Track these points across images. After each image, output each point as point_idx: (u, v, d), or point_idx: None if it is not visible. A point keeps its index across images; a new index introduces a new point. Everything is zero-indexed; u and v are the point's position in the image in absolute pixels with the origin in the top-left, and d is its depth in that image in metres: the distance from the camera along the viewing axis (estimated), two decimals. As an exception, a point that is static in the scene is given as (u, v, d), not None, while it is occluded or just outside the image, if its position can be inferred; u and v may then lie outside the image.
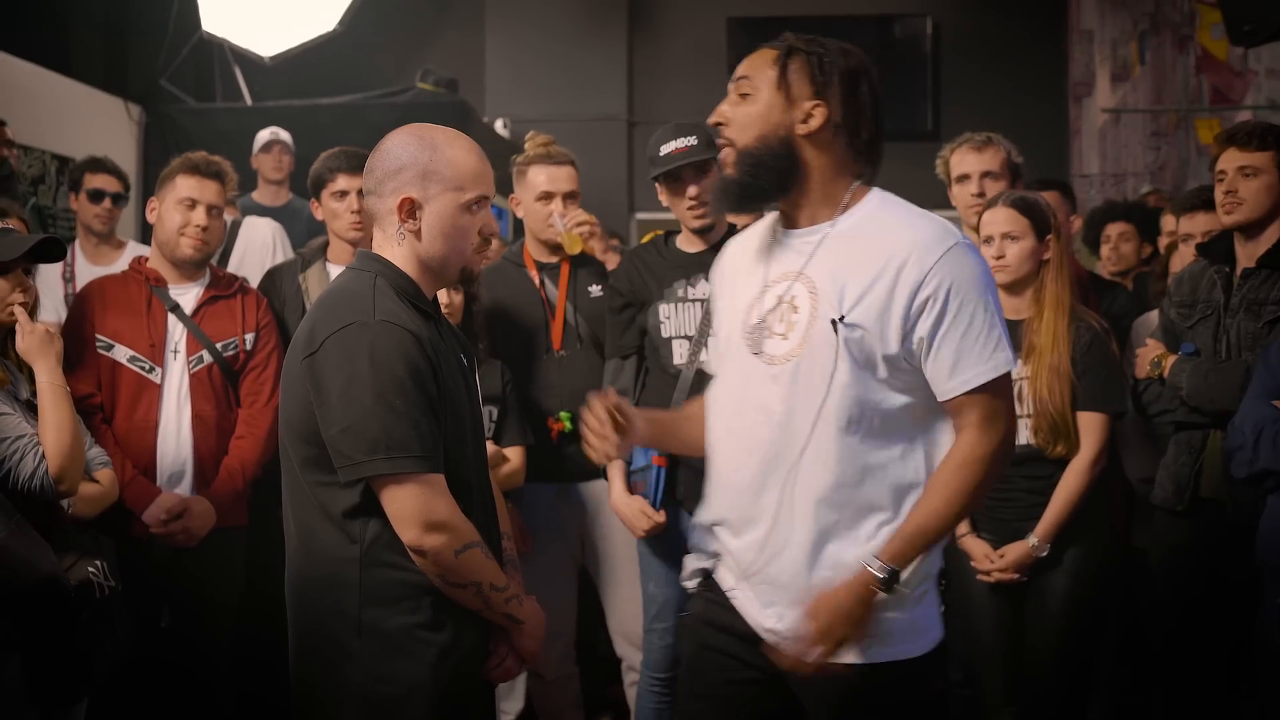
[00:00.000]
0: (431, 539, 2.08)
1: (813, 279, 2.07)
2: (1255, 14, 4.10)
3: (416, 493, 2.08)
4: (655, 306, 3.35)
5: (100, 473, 3.05)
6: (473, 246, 2.24)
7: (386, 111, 6.71)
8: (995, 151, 3.59)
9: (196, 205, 3.42)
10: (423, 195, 2.19)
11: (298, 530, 2.21)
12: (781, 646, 2.06)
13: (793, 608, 2.04)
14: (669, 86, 8.99)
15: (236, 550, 3.51)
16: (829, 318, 2.02)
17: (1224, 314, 3.18)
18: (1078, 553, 3.13)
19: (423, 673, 2.13)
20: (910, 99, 8.76)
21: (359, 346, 2.07)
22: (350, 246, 3.75)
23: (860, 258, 2.04)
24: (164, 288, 3.45)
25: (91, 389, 3.33)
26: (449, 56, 8.46)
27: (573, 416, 3.48)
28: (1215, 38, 6.76)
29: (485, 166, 2.24)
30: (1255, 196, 3.10)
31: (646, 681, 3.41)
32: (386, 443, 2.05)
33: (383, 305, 2.13)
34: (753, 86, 2.10)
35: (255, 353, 3.48)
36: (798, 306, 2.07)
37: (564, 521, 3.56)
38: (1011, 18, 8.83)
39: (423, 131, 2.23)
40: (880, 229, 2.07)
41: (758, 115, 2.09)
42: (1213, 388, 3.08)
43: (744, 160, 2.09)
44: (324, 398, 2.09)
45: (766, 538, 2.09)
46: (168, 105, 6.80)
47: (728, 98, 2.12)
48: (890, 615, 2.04)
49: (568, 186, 3.54)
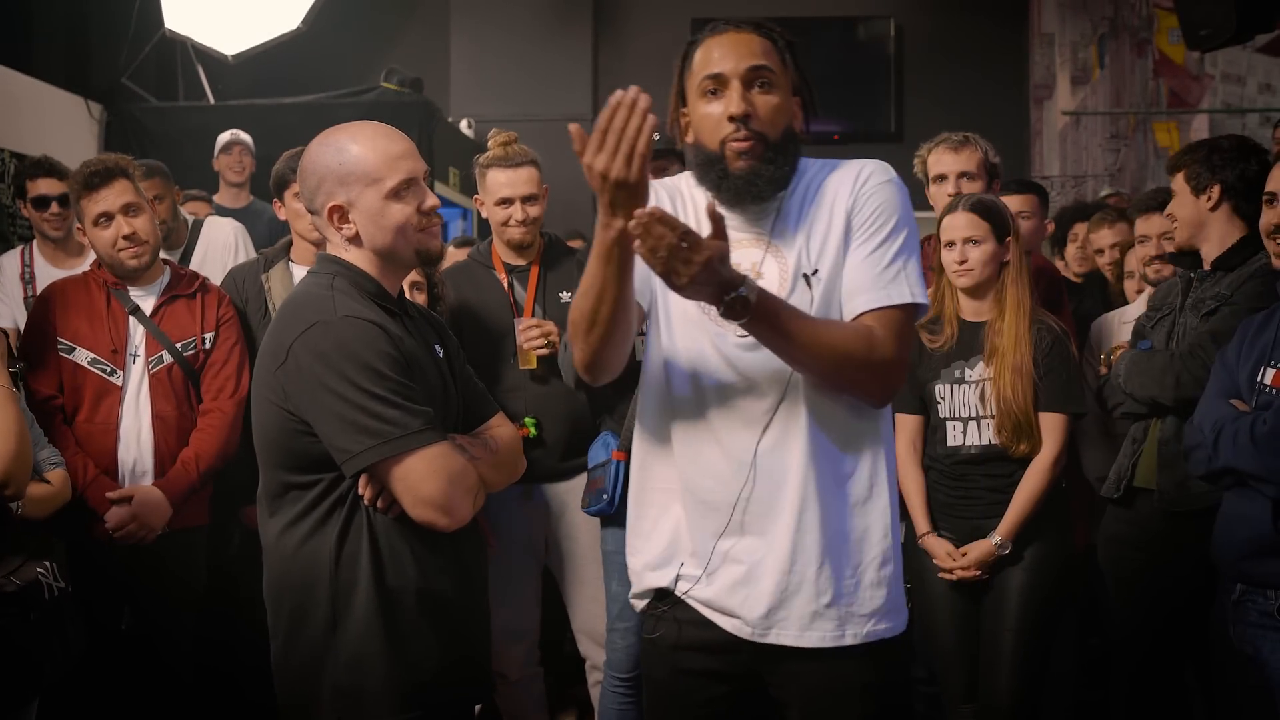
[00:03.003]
0: (444, 516, 2.13)
1: (778, 245, 2.08)
2: (1211, 19, 4.16)
3: (421, 469, 2.09)
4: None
5: (51, 473, 3.03)
6: (415, 227, 2.23)
7: (351, 111, 6.66)
8: (972, 152, 3.64)
9: (112, 217, 3.36)
10: (347, 199, 2.20)
11: (276, 534, 2.21)
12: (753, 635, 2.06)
13: (771, 572, 2.03)
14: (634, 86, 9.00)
15: (198, 550, 3.49)
16: (801, 273, 2.04)
17: (1179, 314, 3.25)
18: (1036, 550, 3.17)
19: (394, 671, 2.14)
20: (873, 101, 8.81)
21: (325, 344, 2.09)
22: (313, 246, 3.73)
23: (814, 213, 2.07)
24: (124, 290, 3.43)
25: (53, 391, 3.32)
26: (414, 56, 8.43)
27: (537, 422, 3.48)
28: (1173, 42, 6.85)
29: (398, 147, 2.22)
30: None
31: (609, 682, 3.42)
32: (377, 428, 2.07)
33: (342, 303, 2.15)
34: (773, 77, 2.06)
35: (215, 349, 3.47)
36: (762, 273, 2.06)
37: (528, 523, 3.56)
38: (974, 20, 8.89)
39: (329, 136, 2.24)
40: (825, 174, 2.11)
41: (782, 107, 2.06)
42: (1142, 374, 3.17)
43: (772, 152, 2.04)
44: (304, 403, 2.10)
45: (748, 501, 2.05)
46: (130, 104, 6.75)
47: (742, 89, 2.04)
48: (876, 592, 2.06)
49: (526, 190, 3.52)
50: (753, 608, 2.05)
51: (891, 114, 8.79)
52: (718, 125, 2.05)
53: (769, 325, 1.92)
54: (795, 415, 2.03)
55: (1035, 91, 8.84)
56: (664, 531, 2.16)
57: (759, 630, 2.06)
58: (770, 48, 2.07)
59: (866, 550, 2.07)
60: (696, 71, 2.09)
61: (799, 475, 2.02)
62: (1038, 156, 8.73)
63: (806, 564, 2.03)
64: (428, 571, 2.18)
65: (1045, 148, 8.67)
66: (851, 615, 2.05)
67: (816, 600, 2.03)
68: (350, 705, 2.14)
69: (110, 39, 6.90)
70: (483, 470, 2.26)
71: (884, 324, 2.01)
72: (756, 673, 2.10)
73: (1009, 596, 3.16)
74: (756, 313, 1.88)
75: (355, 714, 2.14)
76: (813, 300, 2.03)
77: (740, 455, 2.05)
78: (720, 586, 2.08)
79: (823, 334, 1.97)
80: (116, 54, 6.87)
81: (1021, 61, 8.93)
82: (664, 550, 2.15)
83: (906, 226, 2.07)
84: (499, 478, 2.35)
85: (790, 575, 2.03)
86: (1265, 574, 2.52)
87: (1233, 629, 2.60)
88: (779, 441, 2.03)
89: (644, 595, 2.20)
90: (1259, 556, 2.53)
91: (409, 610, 2.16)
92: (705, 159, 2.08)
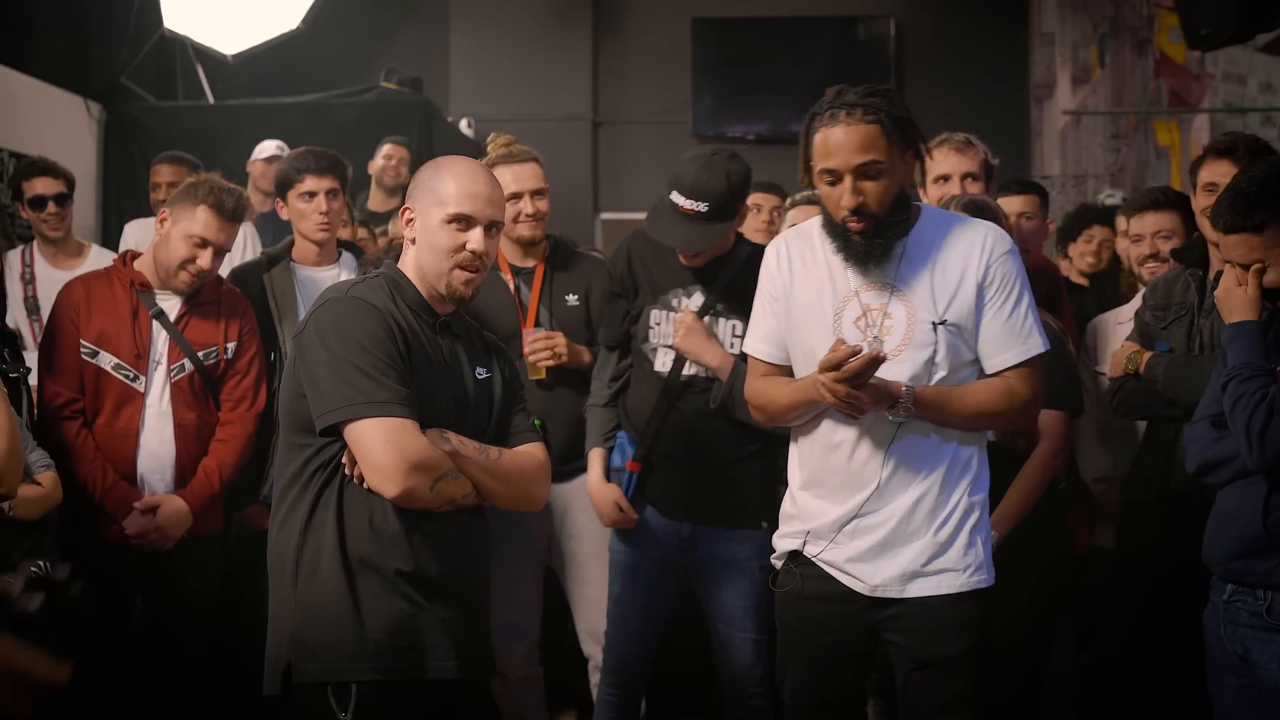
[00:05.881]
0: (390, 486, 2.28)
1: (902, 291, 2.50)
2: (1212, 18, 4.16)
3: (376, 436, 2.26)
4: (647, 310, 3.32)
5: (42, 475, 3.03)
6: (449, 262, 2.42)
7: (350, 110, 6.69)
8: (975, 153, 3.66)
9: (208, 246, 3.35)
10: (417, 208, 2.48)
11: (279, 493, 2.44)
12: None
13: (881, 554, 2.52)
14: (634, 87, 9.00)
15: (212, 556, 3.50)
16: (931, 321, 2.47)
17: (1197, 314, 3.23)
18: (1032, 553, 3.16)
19: (346, 629, 2.31)
20: (874, 100, 8.80)
21: (328, 318, 2.36)
22: (316, 247, 3.73)
23: (939, 268, 2.50)
24: (149, 292, 3.41)
25: (74, 393, 3.31)
26: (413, 56, 8.43)
27: (542, 423, 3.48)
28: (1173, 41, 6.85)
29: (479, 189, 2.44)
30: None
31: (602, 686, 3.42)
32: (347, 393, 2.28)
33: (360, 289, 2.41)
34: (881, 165, 2.44)
35: (236, 359, 3.46)
36: (890, 314, 2.49)
37: (531, 522, 3.56)
38: (974, 20, 8.89)
39: (442, 159, 2.55)
40: (951, 234, 2.54)
41: (890, 186, 2.47)
42: (1188, 379, 3.11)
43: (883, 225, 2.47)
44: (306, 365, 2.35)
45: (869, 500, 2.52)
46: (129, 103, 6.74)
47: (854, 180, 2.43)
48: (980, 547, 2.53)
49: (533, 184, 3.53)
50: (865, 575, 2.53)
51: (891, 114, 8.77)
52: (836, 207, 2.48)
53: (926, 413, 2.47)
54: (912, 436, 2.51)
55: (1035, 91, 8.84)
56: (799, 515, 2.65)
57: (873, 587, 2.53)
58: (877, 133, 2.42)
59: (954, 518, 2.52)
60: (816, 159, 2.48)
61: (916, 475, 2.50)
62: (1038, 156, 8.72)
63: (912, 535, 2.51)
64: (393, 545, 2.34)
65: (1046, 147, 8.67)
66: (945, 571, 2.51)
67: (916, 563, 2.51)
68: (303, 653, 2.32)
69: (110, 38, 6.89)
70: (470, 469, 2.40)
71: (1022, 374, 2.52)
72: (867, 623, 2.56)
73: (1005, 599, 3.14)
74: (917, 412, 2.45)
75: (306, 661, 2.31)
76: (936, 343, 2.48)
77: (867, 474, 2.51)
78: (835, 556, 2.55)
79: (969, 403, 2.50)
80: (116, 53, 6.86)
81: (1021, 61, 8.93)
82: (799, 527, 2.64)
83: (1027, 288, 2.54)
84: (498, 487, 2.46)
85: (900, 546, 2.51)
86: (1255, 574, 2.53)
87: (1223, 629, 2.60)
88: (899, 461, 2.50)
89: (780, 556, 2.67)
90: (1249, 556, 2.53)
91: (369, 578, 2.32)
92: (831, 226, 2.53)
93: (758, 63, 8.70)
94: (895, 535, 2.51)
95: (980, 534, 2.55)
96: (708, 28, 8.81)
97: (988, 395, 2.50)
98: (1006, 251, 2.51)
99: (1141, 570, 3.35)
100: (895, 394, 2.43)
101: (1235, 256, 2.55)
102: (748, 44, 8.75)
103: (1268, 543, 2.49)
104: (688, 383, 3.24)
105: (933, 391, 2.46)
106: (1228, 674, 2.61)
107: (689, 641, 3.40)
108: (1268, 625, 2.50)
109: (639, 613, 3.35)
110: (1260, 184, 2.49)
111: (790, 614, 2.65)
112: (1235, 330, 2.57)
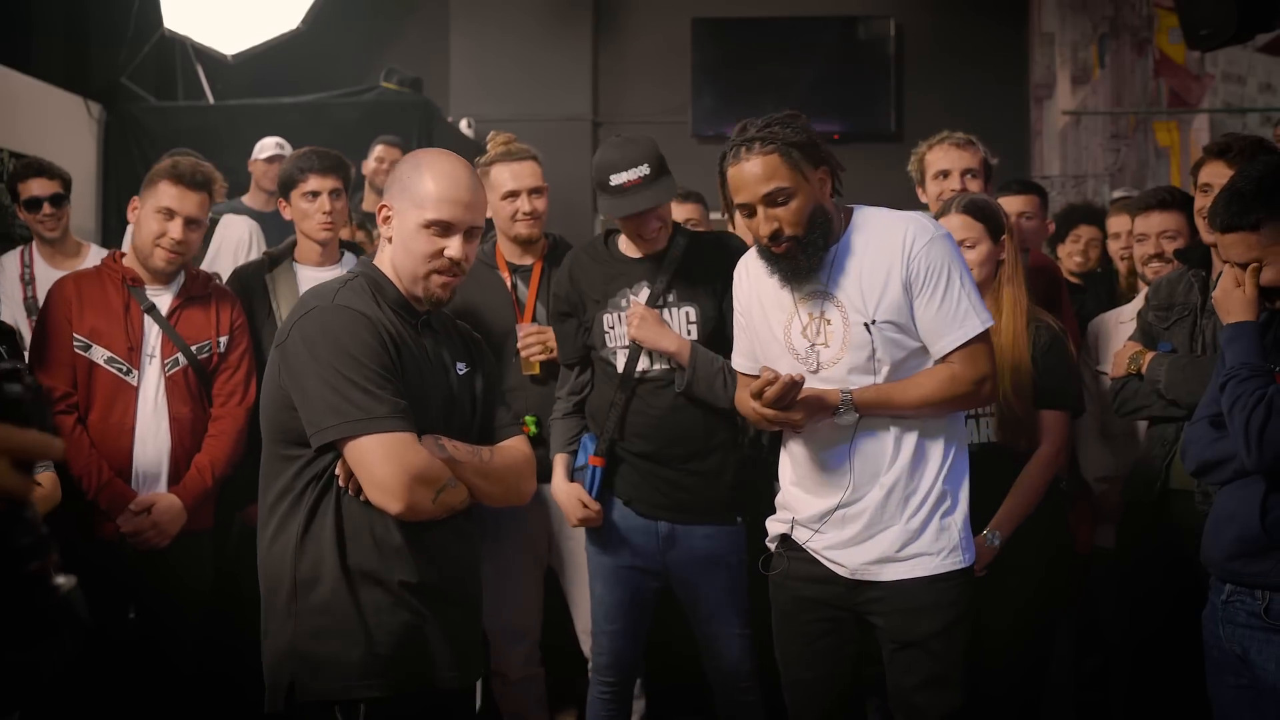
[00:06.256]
0: (395, 502, 2.22)
1: (835, 295, 2.60)
2: (1211, 19, 4.16)
3: (378, 452, 2.20)
4: (599, 317, 3.27)
5: (42, 475, 3.03)
6: (425, 267, 2.35)
7: (350, 110, 6.68)
8: (975, 151, 3.67)
9: (175, 217, 3.35)
10: (395, 206, 2.39)
11: (268, 507, 2.36)
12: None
13: (860, 541, 2.64)
14: (634, 87, 9.00)
15: (205, 553, 3.50)
16: (863, 322, 2.57)
17: (1200, 315, 3.24)
18: (1032, 553, 3.16)
19: (352, 644, 2.25)
20: (873, 101, 8.80)
21: (315, 328, 2.27)
22: (319, 247, 3.74)
23: (866, 269, 2.58)
24: (140, 287, 3.41)
25: (68, 387, 3.31)
26: (413, 56, 8.43)
27: (539, 420, 3.48)
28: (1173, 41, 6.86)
29: (457, 194, 2.35)
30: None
31: (595, 685, 3.41)
32: (344, 408, 2.21)
33: (344, 295, 2.32)
34: (788, 190, 2.54)
35: (228, 354, 3.47)
36: (829, 319, 2.61)
37: (530, 522, 3.56)
38: (974, 20, 8.88)
39: (421, 154, 2.46)
40: (874, 235, 2.61)
41: (803, 206, 2.56)
42: (1189, 380, 3.12)
43: (803, 243, 2.58)
44: (294, 378, 2.27)
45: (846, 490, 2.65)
46: (129, 103, 6.73)
47: (766, 209, 2.55)
48: (955, 531, 2.63)
49: (531, 182, 3.53)
50: (845, 559, 2.65)
51: (891, 114, 8.78)
52: (757, 236, 2.62)
53: (873, 411, 2.59)
54: (869, 433, 2.63)
55: (1035, 91, 8.84)
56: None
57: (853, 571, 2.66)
58: (778, 161, 2.54)
59: (927, 506, 2.62)
60: (731, 195, 2.62)
61: (881, 468, 2.62)
62: (1038, 156, 8.72)
63: (887, 522, 2.62)
64: (396, 556, 2.28)
65: (1045, 147, 8.67)
66: (920, 556, 2.62)
67: (892, 548, 2.62)
68: (307, 669, 2.26)
69: (110, 39, 6.89)
70: (465, 474, 2.35)
71: (964, 356, 2.59)
72: (851, 605, 2.69)
73: (1006, 599, 3.15)
74: (861, 410, 2.58)
75: (311, 678, 2.26)
76: (873, 342, 2.58)
77: (839, 472, 2.65)
78: (820, 543, 2.69)
79: (913, 395, 2.58)
80: (116, 53, 6.86)
81: (1021, 61, 8.93)
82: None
83: (958, 266, 2.61)
84: (490, 487, 2.42)
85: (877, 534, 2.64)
86: (1254, 574, 2.52)
87: (1222, 629, 2.61)
88: (862, 457, 2.63)
89: (773, 540, 2.82)
90: (1247, 556, 2.53)
91: (372, 591, 2.26)
92: (761, 251, 2.67)
93: (758, 63, 8.69)
94: (872, 524, 2.63)
95: (954, 517, 2.65)
96: (707, 28, 8.81)
97: (930, 384, 2.59)
98: (928, 242, 2.58)
99: (1142, 570, 3.36)
100: (832, 403, 2.57)
101: (1233, 256, 2.56)
102: (747, 44, 8.74)
103: (1266, 543, 2.49)
104: (642, 377, 3.23)
105: (872, 391, 2.59)
106: (1226, 674, 2.61)
107: (688, 642, 3.39)
108: (1266, 625, 2.50)
109: (624, 611, 3.33)
110: (1256, 182, 2.50)
111: (781, 595, 2.80)
112: (1234, 331, 2.57)
